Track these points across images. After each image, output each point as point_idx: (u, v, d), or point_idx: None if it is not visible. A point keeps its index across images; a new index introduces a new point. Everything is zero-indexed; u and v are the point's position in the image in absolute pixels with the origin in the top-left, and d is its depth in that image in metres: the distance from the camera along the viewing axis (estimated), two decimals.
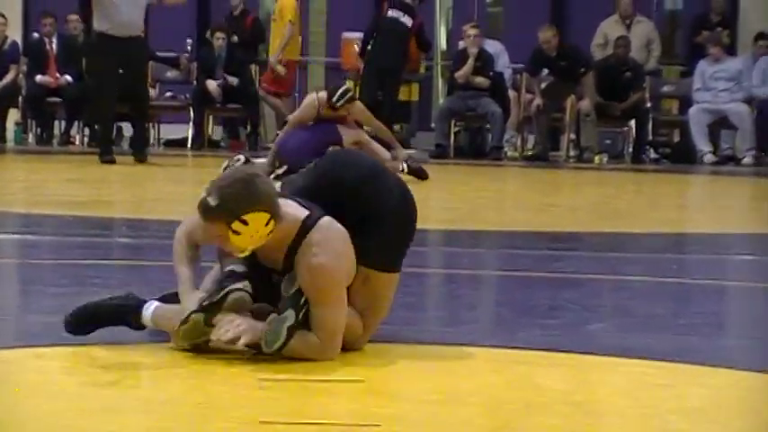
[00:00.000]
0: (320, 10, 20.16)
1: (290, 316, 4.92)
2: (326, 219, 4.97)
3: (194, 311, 4.95)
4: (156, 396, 4.51)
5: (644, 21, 18.75)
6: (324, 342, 4.93)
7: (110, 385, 4.58)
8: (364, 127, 13.04)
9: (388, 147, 13.20)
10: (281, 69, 17.82)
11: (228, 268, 5.07)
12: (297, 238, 4.92)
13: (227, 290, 4.96)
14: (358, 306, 5.06)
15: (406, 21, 17.37)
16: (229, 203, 4.82)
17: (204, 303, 4.96)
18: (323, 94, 12.44)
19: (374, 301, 5.15)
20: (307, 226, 4.93)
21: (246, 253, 4.94)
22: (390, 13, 17.50)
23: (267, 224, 4.85)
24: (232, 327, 4.85)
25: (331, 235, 4.94)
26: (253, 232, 4.84)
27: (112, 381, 4.64)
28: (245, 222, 4.83)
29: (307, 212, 4.97)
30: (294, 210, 4.98)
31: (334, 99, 12.12)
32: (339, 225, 4.98)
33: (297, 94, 18.51)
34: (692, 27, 18.73)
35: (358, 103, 12.84)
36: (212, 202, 4.83)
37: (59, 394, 4.42)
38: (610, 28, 18.54)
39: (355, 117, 12.65)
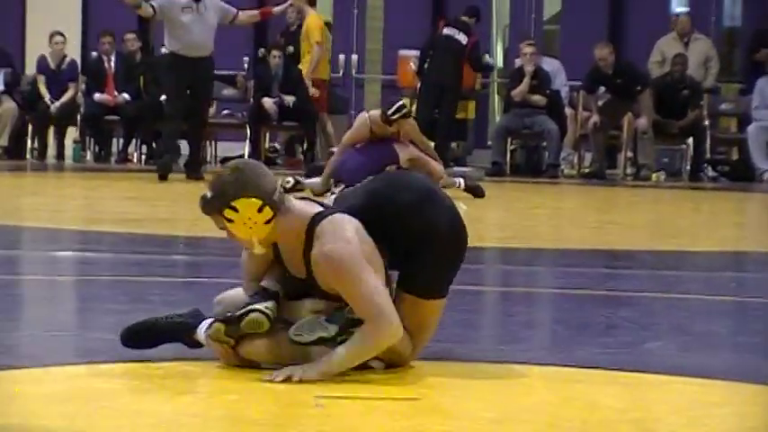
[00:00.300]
0: (377, 27, 20.20)
1: (331, 329, 4.91)
2: (339, 214, 4.97)
3: (217, 320, 5.00)
4: (212, 413, 4.52)
5: (702, 38, 18.66)
6: (374, 322, 4.87)
7: (166, 402, 4.61)
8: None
9: None
10: (313, 91, 17.82)
11: (262, 283, 5.10)
12: (308, 233, 4.93)
13: (248, 308, 4.98)
14: (407, 328, 5.05)
15: (462, 38, 17.39)
16: (219, 192, 4.90)
17: (227, 315, 5.00)
18: (374, 113, 12.44)
19: (422, 323, 5.14)
20: (315, 221, 4.94)
21: (258, 249, 4.96)
22: (446, 30, 17.52)
23: (261, 210, 4.87)
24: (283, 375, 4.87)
25: (339, 225, 4.92)
26: (245, 219, 4.88)
27: (169, 397, 4.67)
28: (235, 209, 4.88)
29: (320, 209, 4.99)
30: (308, 207, 5.00)
31: (390, 112, 12.11)
32: (351, 218, 4.96)
33: (352, 112, 18.54)
34: (751, 44, 18.64)
35: (411, 120, 12.83)
36: (208, 194, 4.91)
37: (117, 411, 4.45)
38: (667, 46, 18.47)
39: (407, 135, 12.64)
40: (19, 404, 4.52)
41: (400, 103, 12.41)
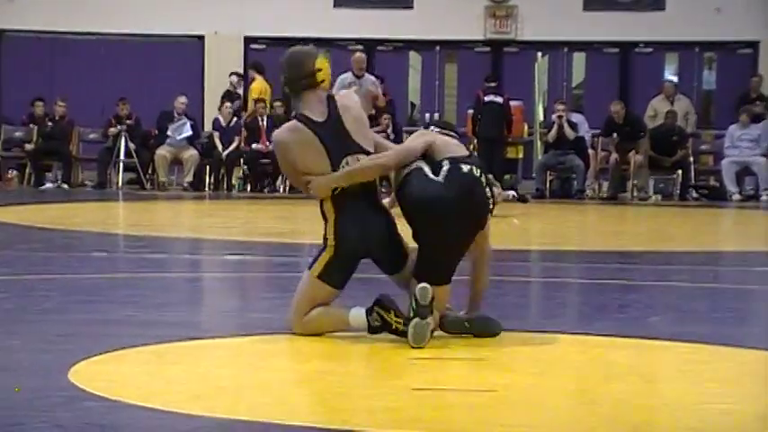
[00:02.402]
0: (452, 94, 20.08)
1: (431, 321, 4.85)
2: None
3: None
4: (336, 369, 4.52)
5: (683, 98, 18.54)
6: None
7: (302, 362, 4.62)
8: None
9: None
10: None
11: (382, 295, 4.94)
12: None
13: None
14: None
15: (499, 100, 17.00)
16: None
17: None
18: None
19: None
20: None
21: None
22: (486, 98, 17.07)
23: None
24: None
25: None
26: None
27: (305, 359, 4.67)
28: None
29: None
30: None
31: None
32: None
33: None
34: (737, 101, 18.36)
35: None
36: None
37: (269, 368, 4.46)
38: (657, 104, 18.37)
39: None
40: (190, 369, 4.54)
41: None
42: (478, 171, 4.93)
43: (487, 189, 4.95)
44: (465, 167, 4.91)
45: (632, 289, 7.11)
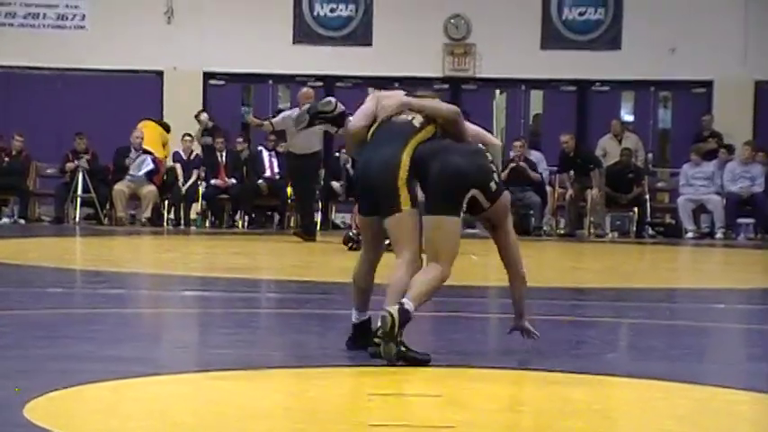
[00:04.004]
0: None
1: (393, 347, 4.90)
2: None
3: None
4: (294, 405, 4.51)
5: (631, 136, 18.74)
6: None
7: (260, 399, 4.61)
8: None
9: None
10: None
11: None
12: None
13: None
14: None
15: None
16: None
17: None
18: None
19: None
20: None
21: None
22: None
23: None
24: None
25: None
26: None
27: (265, 395, 4.66)
28: None
29: None
30: None
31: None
32: None
33: None
34: (692, 140, 18.53)
35: None
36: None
37: (227, 404, 4.45)
38: (605, 143, 18.57)
39: None
40: (148, 405, 4.52)
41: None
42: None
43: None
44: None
45: (589, 325, 7.14)
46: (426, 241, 5.25)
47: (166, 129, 18.32)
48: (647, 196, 17.91)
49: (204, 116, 18.05)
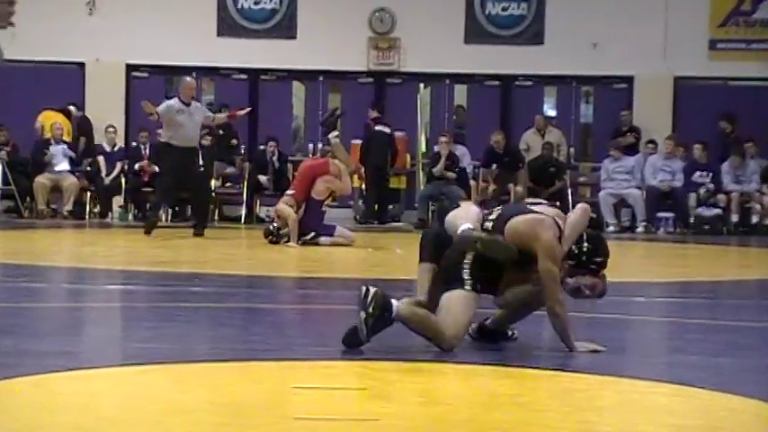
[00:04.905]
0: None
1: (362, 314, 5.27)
2: None
3: None
4: (218, 399, 4.48)
5: (554, 130, 18.93)
6: None
7: (183, 393, 4.57)
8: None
9: None
10: None
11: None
12: None
13: None
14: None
15: (387, 130, 17.73)
16: None
17: None
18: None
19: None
20: None
21: None
22: (376, 127, 17.73)
23: None
24: None
25: None
26: None
27: (187, 389, 4.62)
28: None
29: None
30: None
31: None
32: None
33: None
34: (612, 135, 18.73)
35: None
36: None
37: (151, 398, 4.41)
38: (529, 138, 18.74)
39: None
40: (71, 399, 4.46)
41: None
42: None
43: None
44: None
45: (521, 322, 7.15)
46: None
47: (67, 115, 18.09)
48: (570, 190, 18.07)
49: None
